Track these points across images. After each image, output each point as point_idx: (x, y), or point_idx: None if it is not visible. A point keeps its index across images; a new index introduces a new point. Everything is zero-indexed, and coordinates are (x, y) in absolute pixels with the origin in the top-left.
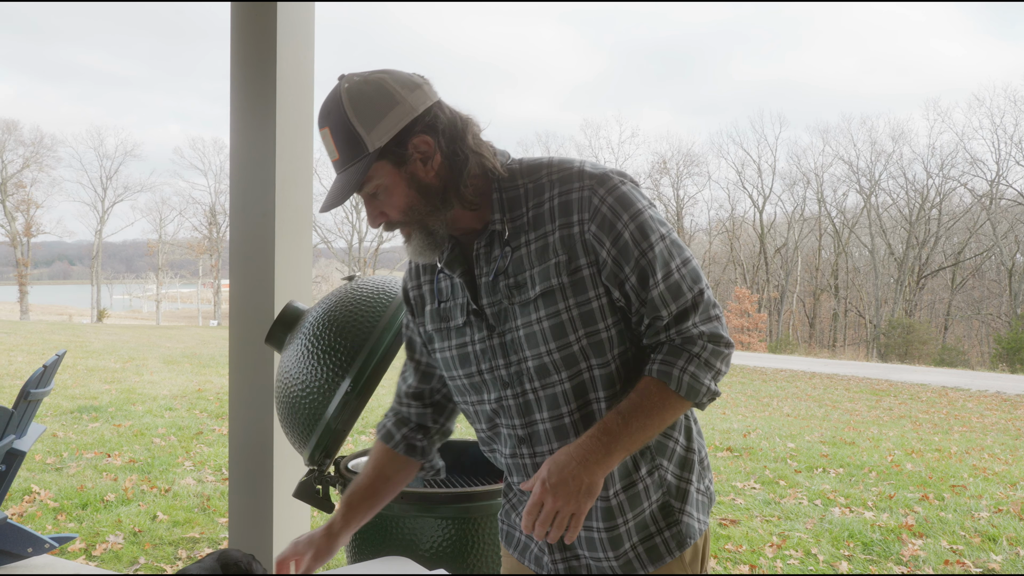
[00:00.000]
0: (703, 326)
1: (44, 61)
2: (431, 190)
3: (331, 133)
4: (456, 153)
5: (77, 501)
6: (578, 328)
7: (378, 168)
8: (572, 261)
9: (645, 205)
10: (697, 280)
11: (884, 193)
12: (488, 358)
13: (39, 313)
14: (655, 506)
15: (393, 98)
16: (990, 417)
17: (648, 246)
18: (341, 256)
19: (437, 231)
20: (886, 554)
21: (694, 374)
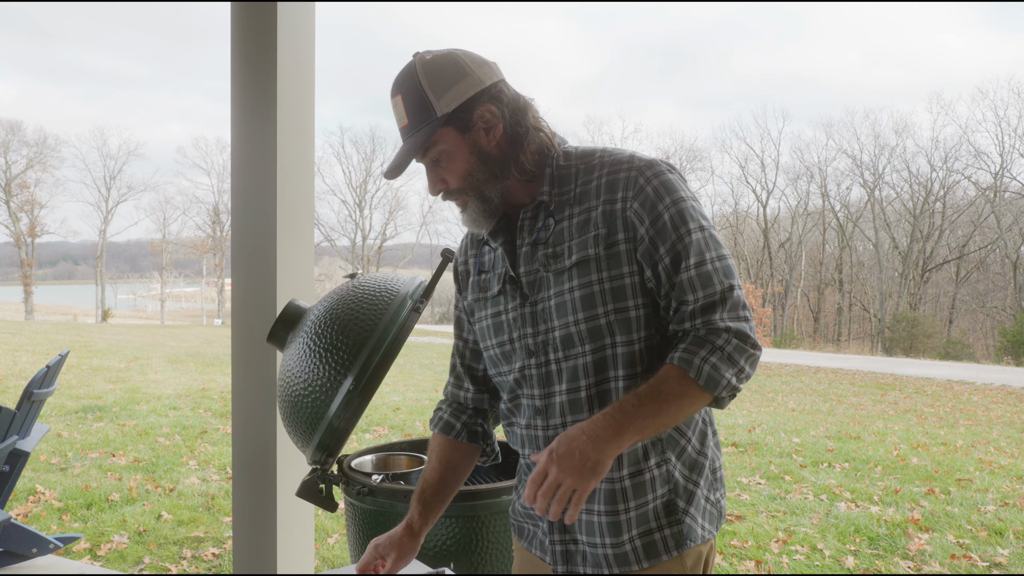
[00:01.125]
0: (730, 322)
1: (48, 62)
2: (491, 158)
3: (403, 100)
4: (518, 125)
5: (82, 501)
6: (608, 301)
7: (443, 133)
8: (611, 235)
9: (688, 195)
10: (729, 276)
11: (888, 187)
12: (519, 326)
13: (44, 313)
14: (659, 501)
15: (463, 70)
16: (996, 410)
17: (686, 231)
18: (344, 254)
19: (492, 200)
20: (892, 548)
21: (715, 365)
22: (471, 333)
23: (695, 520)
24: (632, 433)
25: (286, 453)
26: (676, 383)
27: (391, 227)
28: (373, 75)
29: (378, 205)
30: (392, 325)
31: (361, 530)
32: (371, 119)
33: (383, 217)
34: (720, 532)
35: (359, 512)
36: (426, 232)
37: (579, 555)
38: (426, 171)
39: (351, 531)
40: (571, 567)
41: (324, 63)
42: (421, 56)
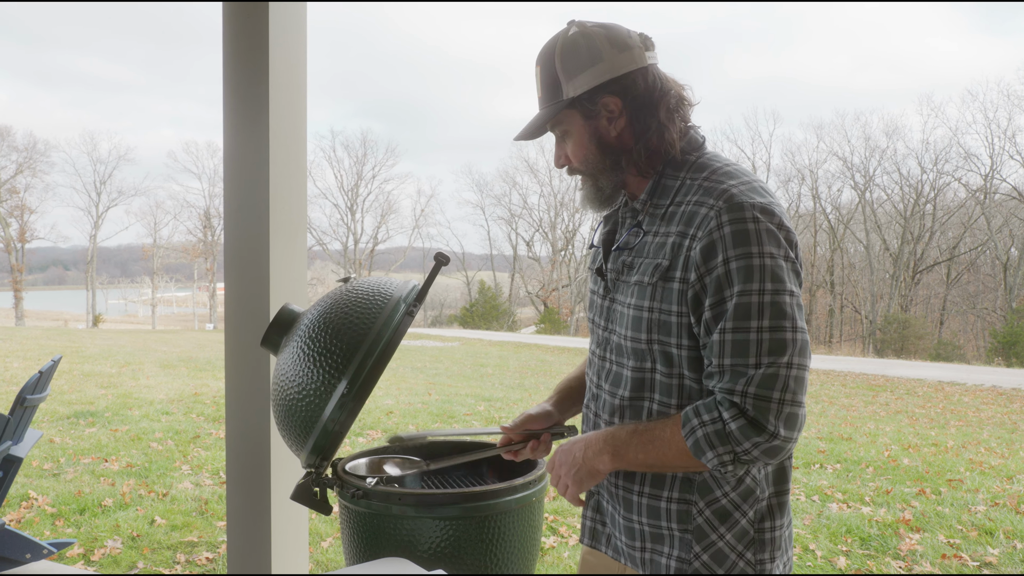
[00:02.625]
0: (751, 400)
1: (39, 67)
2: (610, 148)
3: (540, 72)
4: (641, 121)
5: (75, 506)
6: (653, 331)
7: (567, 115)
8: (671, 269)
9: (764, 252)
10: (775, 354)
11: (879, 189)
12: (598, 314)
13: (34, 319)
14: (676, 535)
15: (599, 55)
16: (986, 411)
17: (738, 292)
18: (336, 258)
19: (604, 188)
20: (884, 548)
21: (707, 437)
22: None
23: (710, 569)
24: (616, 460)
25: (280, 457)
26: (671, 431)
27: (383, 231)
28: (364, 79)
29: (370, 209)
30: (386, 329)
31: (356, 533)
32: (362, 123)
33: (375, 221)
34: None
35: (354, 515)
36: (418, 235)
37: (604, 537)
38: (555, 143)
39: (346, 534)
40: (595, 544)
41: (315, 67)
42: (572, 27)
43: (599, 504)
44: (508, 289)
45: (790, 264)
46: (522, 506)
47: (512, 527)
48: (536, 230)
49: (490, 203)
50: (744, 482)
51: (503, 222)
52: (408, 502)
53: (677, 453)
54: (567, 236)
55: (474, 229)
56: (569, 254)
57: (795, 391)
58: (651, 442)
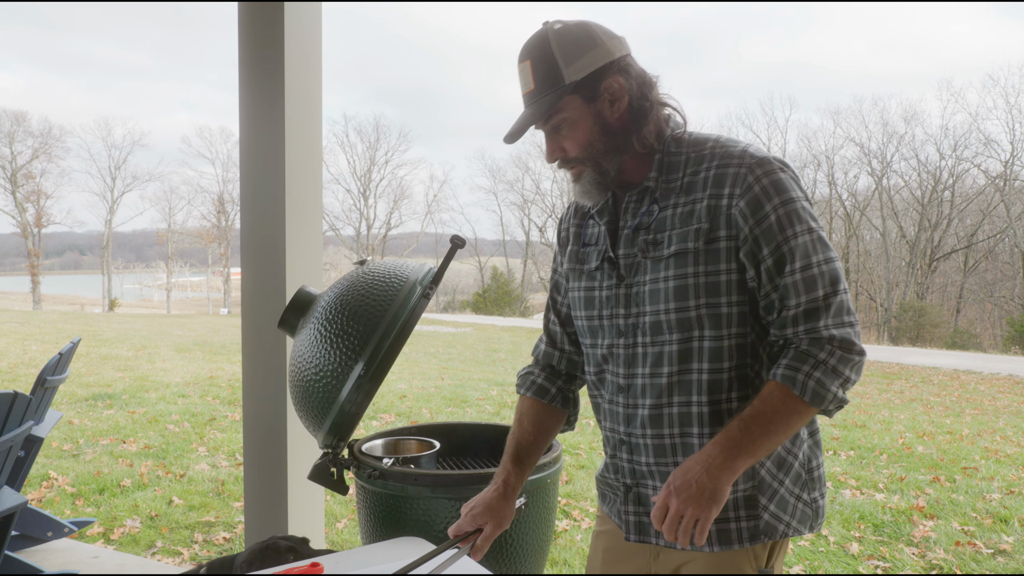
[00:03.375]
0: (835, 329)
1: (55, 53)
2: (613, 130)
3: (531, 65)
4: (643, 99)
5: (94, 486)
6: (700, 295)
7: (569, 101)
8: (712, 231)
9: (799, 196)
10: (836, 281)
11: (896, 175)
12: (611, 305)
13: (51, 303)
14: (741, 494)
15: (595, 40)
16: (1002, 400)
17: (792, 233)
18: (349, 243)
19: (608, 172)
20: (897, 535)
21: (820, 380)
22: (566, 299)
23: (777, 517)
24: (744, 457)
25: (296, 438)
26: (780, 402)
27: (396, 216)
28: (378, 64)
29: (383, 194)
30: (402, 311)
31: (372, 513)
32: (375, 108)
33: (388, 206)
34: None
35: (370, 495)
36: (431, 221)
37: (652, 527)
38: (545, 138)
39: (362, 514)
40: (643, 537)
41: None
42: (551, 25)
43: (640, 496)
44: (521, 275)
45: (810, 203)
46: (536, 488)
47: (527, 509)
48: (549, 216)
49: (503, 189)
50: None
51: (516, 208)
52: (424, 482)
53: (795, 416)
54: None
55: (487, 215)
56: None
57: (852, 310)
58: (768, 422)
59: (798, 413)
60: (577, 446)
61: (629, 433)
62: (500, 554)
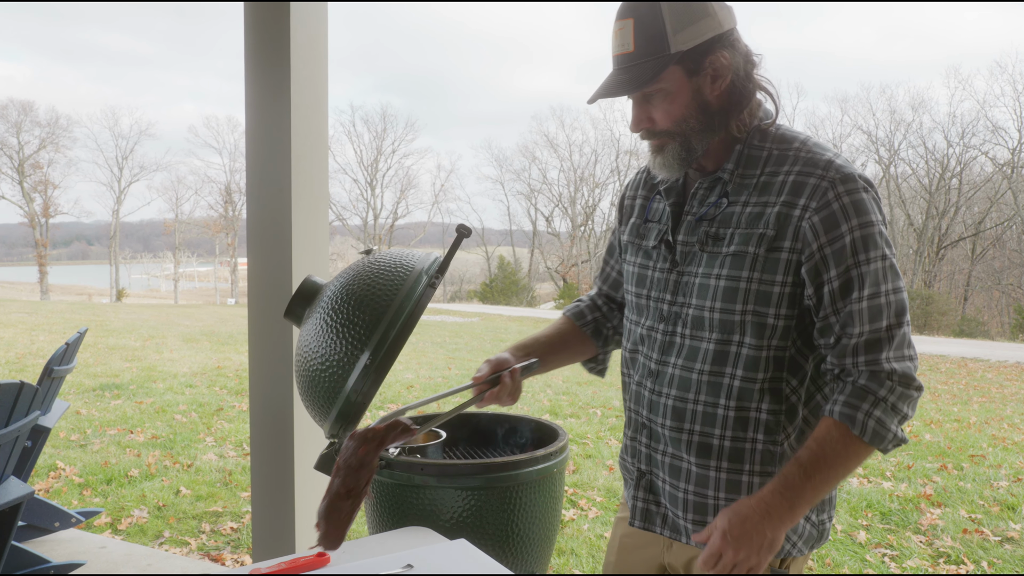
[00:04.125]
0: (896, 363)
1: (62, 43)
2: (710, 109)
3: (634, 24)
4: (747, 80)
5: (102, 476)
6: (749, 302)
7: (671, 72)
8: (777, 239)
9: (878, 220)
10: (901, 313)
11: (903, 163)
12: (660, 288)
13: (59, 293)
14: None
15: (707, 9)
16: (1010, 387)
17: (865, 259)
18: (356, 233)
19: (696, 150)
20: (904, 523)
21: (880, 419)
22: (618, 264)
23: (787, 538)
24: (804, 505)
25: (303, 428)
26: (840, 443)
27: (403, 206)
28: (384, 53)
29: (389, 184)
30: (408, 300)
31: (379, 502)
32: (382, 98)
33: (394, 196)
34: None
35: (376, 485)
36: (438, 211)
37: (659, 517)
38: (632, 105)
39: (368, 504)
40: (648, 525)
41: (335, 41)
42: None
43: (652, 484)
44: (527, 264)
45: (886, 228)
46: (543, 477)
47: (533, 498)
48: (556, 205)
49: (510, 178)
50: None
51: (523, 197)
52: (430, 472)
53: (854, 457)
54: (587, 211)
55: (494, 204)
56: (589, 229)
57: (913, 343)
58: (829, 467)
59: (856, 454)
60: (584, 436)
61: (651, 419)
62: (506, 544)
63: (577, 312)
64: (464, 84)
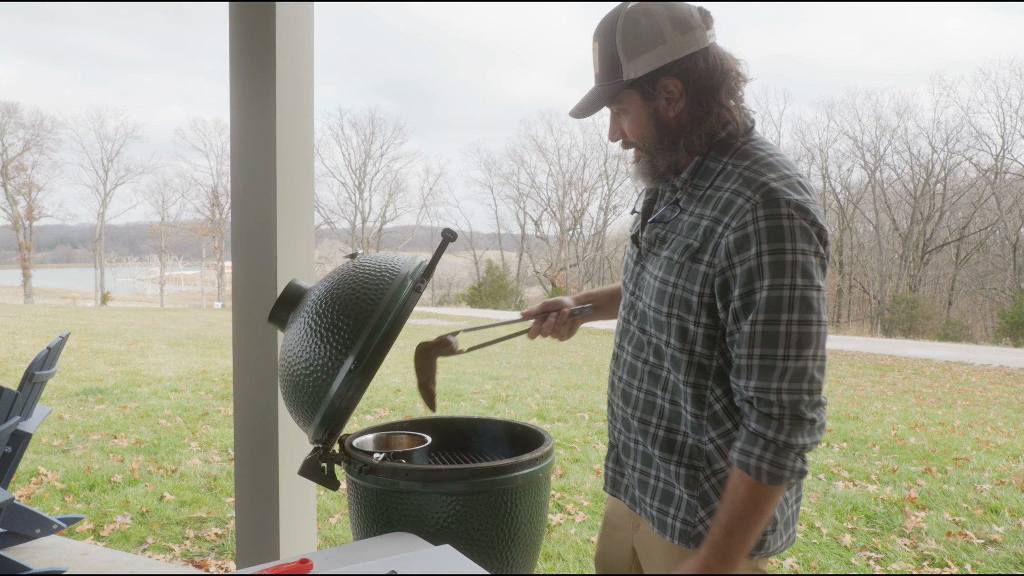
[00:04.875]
0: (785, 395)
1: (50, 44)
2: (668, 129)
3: (598, 49)
4: (701, 104)
5: (84, 482)
6: (673, 306)
7: (626, 95)
8: (700, 252)
9: (796, 249)
10: (803, 347)
11: (889, 168)
12: (629, 279)
13: (43, 296)
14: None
15: (661, 37)
16: (993, 391)
17: (768, 285)
18: (344, 237)
19: (659, 166)
20: (889, 527)
21: (773, 461)
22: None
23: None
24: (739, 556)
25: (288, 433)
26: (744, 491)
27: (391, 209)
28: (373, 57)
29: (378, 187)
30: (393, 305)
31: (363, 508)
32: (371, 101)
33: (383, 199)
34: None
35: (361, 490)
36: (426, 214)
37: (623, 487)
38: (610, 118)
39: (353, 509)
40: (615, 492)
41: (323, 45)
42: (628, 4)
43: (618, 456)
44: (516, 268)
45: (819, 260)
46: (529, 482)
47: (519, 503)
48: (544, 209)
49: (498, 182)
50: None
51: (511, 201)
52: (415, 477)
53: (763, 500)
54: (575, 215)
55: (482, 208)
56: (577, 233)
57: (820, 381)
58: (743, 517)
59: (764, 497)
60: (571, 440)
61: (612, 398)
62: (492, 549)
63: None
64: (453, 88)
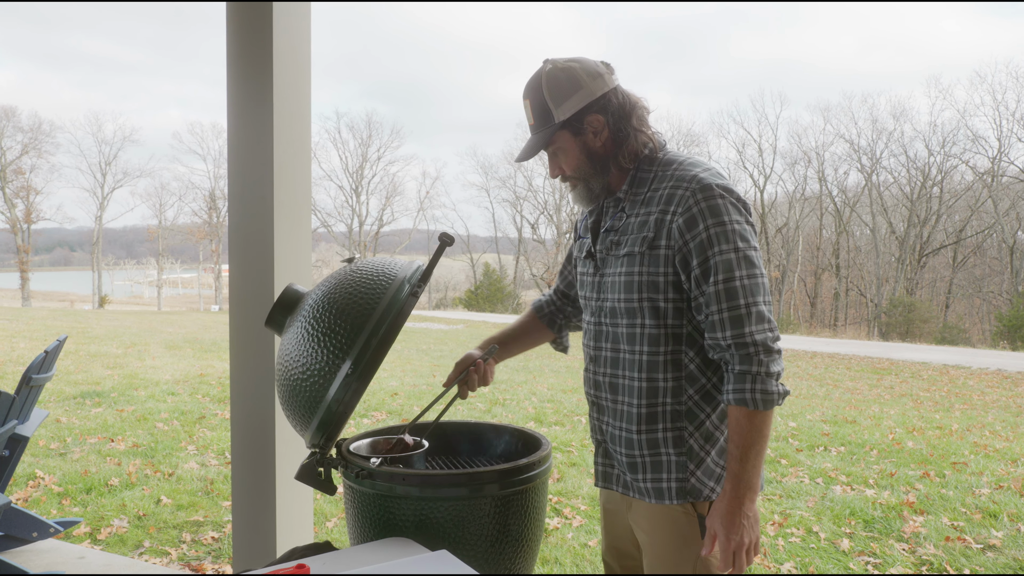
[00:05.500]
0: (757, 335)
1: (48, 48)
2: (597, 156)
3: (530, 104)
4: (620, 131)
5: (81, 486)
6: (642, 291)
7: (560, 135)
8: (656, 239)
9: (732, 220)
10: (755, 294)
11: (885, 171)
12: (590, 289)
13: (40, 300)
14: (673, 458)
15: (578, 84)
16: (991, 394)
17: (719, 250)
18: (341, 240)
19: (594, 188)
20: (887, 531)
21: (763, 390)
22: (571, 269)
23: (702, 482)
24: (754, 478)
25: (284, 437)
26: (746, 422)
27: (388, 213)
28: (370, 61)
29: (375, 191)
30: (390, 309)
31: (360, 513)
32: (367, 104)
33: (380, 203)
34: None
35: (358, 495)
36: (423, 218)
37: (613, 477)
38: (548, 159)
39: (350, 514)
40: (606, 484)
41: (320, 48)
42: (548, 64)
43: (607, 450)
44: (513, 271)
45: (751, 227)
46: (527, 487)
47: (517, 508)
48: (541, 212)
49: (495, 185)
50: (720, 406)
51: (508, 204)
52: (412, 482)
53: (762, 426)
54: (572, 219)
55: (479, 211)
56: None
57: (772, 319)
58: (750, 443)
59: (763, 422)
60: (569, 443)
61: (597, 396)
62: (489, 554)
63: (538, 306)
64: (450, 92)
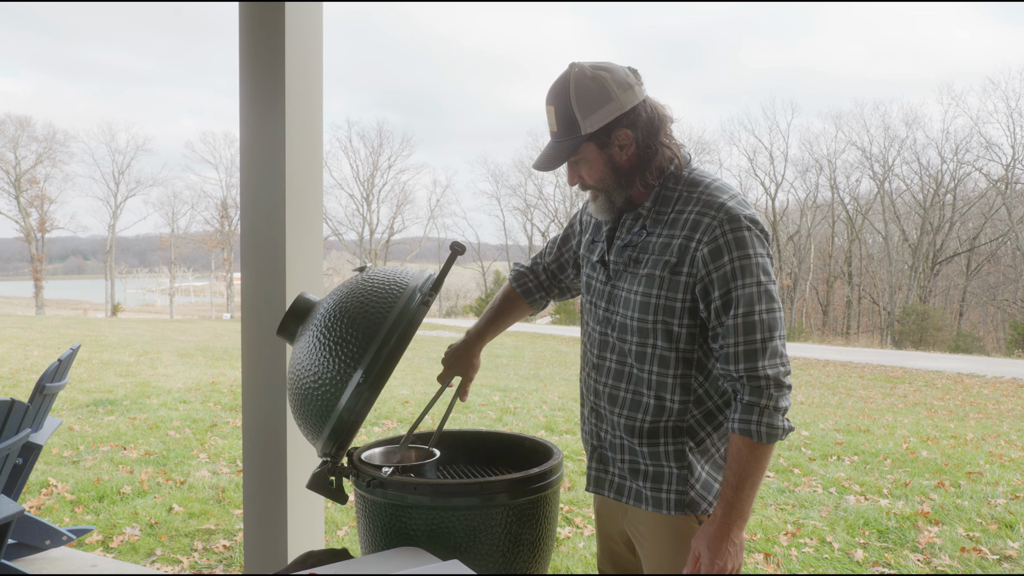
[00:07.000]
0: (769, 370)
1: (63, 59)
2: (622, 171)
3: (555, 111)
4: (649, 147)
5: (94, 493)
6: (658, 314)
7: (586, 147)
8: (678, 265)
9: (757, 253)
10: (772, 329)
11: (898, 179)
12: (599, 297)
13: (54, 308)
14: (674, 471)
15: (608, 95)
16: (1006, 403)
17: (742, 283)
18: (352, 248)
19: (616, 201)
20: (902, 541)
21: (768, 423)
22: (566, 253)
23: (701, 496)
24: (746, 507)
25: (296, 446)
26: (747, 453)
27: (399, 221)
28: (381, 70)
29: (385, 199)
30: (402, 318)
31: (371, 522)
32: (378, 113)
33: (390, 211)
34: None
35: (369, 504)
36: (434, 226)
37: (606, 482)
38: (567, 166)
39: (361, 523)
40: (598, 489)
41: (332, 58)
42: (576, 69)
43: (602, 455)
44: None
45: (771, 259)
46: (538, 496)
47: (528, 517)
48: (552, 220)
49: (505, 193)
50: (721, 426)
51: (518, 212)
52: (424, 492)
53: (763, 458)
54: None
55: (489, 219)
56: None
57: (786, 355)
58: (748, 474)
59: (763, 455)
60: (580, 452)
61: (597, 403)
62: (501, 563)
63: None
64: (460, 100)
